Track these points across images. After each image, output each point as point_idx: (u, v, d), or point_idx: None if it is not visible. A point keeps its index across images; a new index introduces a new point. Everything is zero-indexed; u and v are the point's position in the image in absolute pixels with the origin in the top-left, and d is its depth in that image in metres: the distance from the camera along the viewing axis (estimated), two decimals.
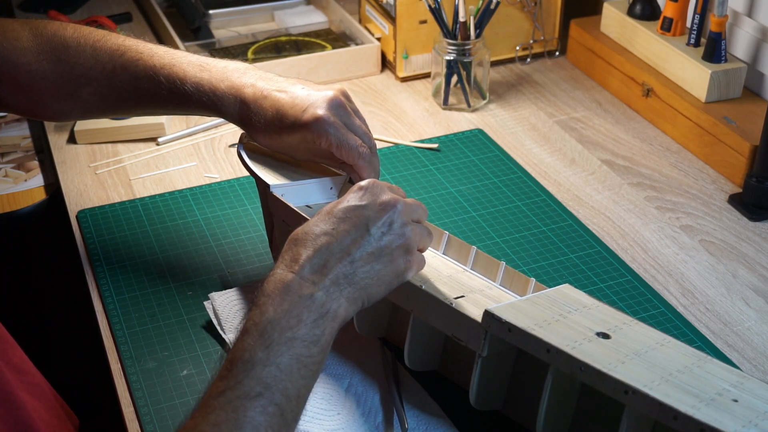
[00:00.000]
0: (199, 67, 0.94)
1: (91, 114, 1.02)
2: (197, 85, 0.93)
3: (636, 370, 0.71)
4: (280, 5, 1.64)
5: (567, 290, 0.84)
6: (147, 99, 0.96)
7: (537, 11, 1.47)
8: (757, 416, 0.67)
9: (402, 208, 0.79)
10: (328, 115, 0.88)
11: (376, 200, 0.79)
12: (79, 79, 0.96)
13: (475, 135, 1.30)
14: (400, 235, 0.78)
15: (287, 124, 0.90)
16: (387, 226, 0.78)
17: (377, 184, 0.81)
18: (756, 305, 0.99)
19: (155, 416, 0.85)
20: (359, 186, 0.80)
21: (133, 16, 1.66)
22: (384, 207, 0.78)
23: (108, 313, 0.98)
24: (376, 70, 1.47)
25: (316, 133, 0.88)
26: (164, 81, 0.94)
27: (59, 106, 0.99)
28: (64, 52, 0.96)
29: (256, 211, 1.14)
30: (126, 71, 0.95)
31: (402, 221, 0.79)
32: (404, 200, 0.81)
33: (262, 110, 0.91)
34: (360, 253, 0.76)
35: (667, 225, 1.12)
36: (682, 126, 1.27)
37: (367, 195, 0.79)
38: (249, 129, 0.93)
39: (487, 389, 0.81)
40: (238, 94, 0.92)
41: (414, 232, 0.80)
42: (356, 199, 0.79)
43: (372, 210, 0.78)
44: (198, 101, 0.93)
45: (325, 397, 0.85)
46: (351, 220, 0.77)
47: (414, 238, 0.80)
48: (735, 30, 1.30)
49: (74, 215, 1.14)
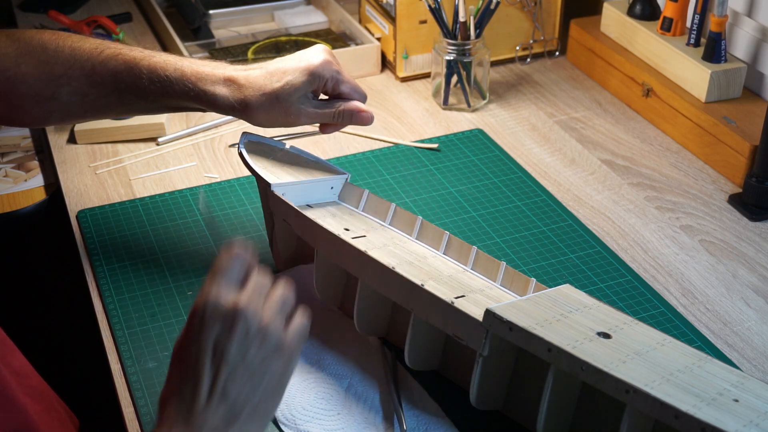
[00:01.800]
0: (179, 57, 0.95)
1: (72, 116, 1.00)
2: (179, 70, 0.93)
3: (637, 369, 0.71)
4: (280, 5, 1.64)
5: (567, 290, 0.84)
6: (128, 92, 0.95)
7: (537, 11, 1.47)
8: (757, 416, 0.67)
9: (251, 310, 0.69)
10: (328, 57, 0.94)
11: (219, 319, 0.69)
12: (58, 79, 0.95)
13: (475, 135, 1.30)
14: (261, 340, 0.69)
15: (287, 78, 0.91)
16: (243, 337, 0.68)
17: (213, 298, 0.69)
18: (756, 305, 0.99)
19: (155, 417, 0.85)
20: (194, 310, 0.70)
21: (133, 16, 1.66)
22: (232, 321, 0.68)
23: (108, 313, 0.98)
24: (376, 70, 1.47)
25: (320, 79, 0.92)
26: (144, 71, 0.93)
27: (39, 110, 0.97)
28: (43, 53, 0.95)
29: (256, 211, 1.14)
30: (105, 66, 0.94)
31: (257, 323, 0.69)
32: (250, 293, 0.70)
33: (253, 77, 0.92)
34: (227, 385, 0.68)
35: (667, 225, 1.12)
36: (682, 126, 1.27)
37: (207, 318, 0.69)
38: (241, 105, 0.92)
39: (487, 389, 0.81)
40: (223, 73, 0.93)
41: (274, 323, 0.70)
42: (199, 329, 0.69)
43: (220, 333, 0.68)
44: (181, 88, 0.93)
45: (325, 397, 0.85)
46: (200, 356, 0.68)
47: (277, 327, 0.70)
48: (735, 30, 1.30)
49: (74, 215, 1.14)
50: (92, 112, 0.99)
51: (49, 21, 1.59)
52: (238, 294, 0.70)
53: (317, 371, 0.88)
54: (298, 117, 0.94)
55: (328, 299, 0.94)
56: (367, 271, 0.85)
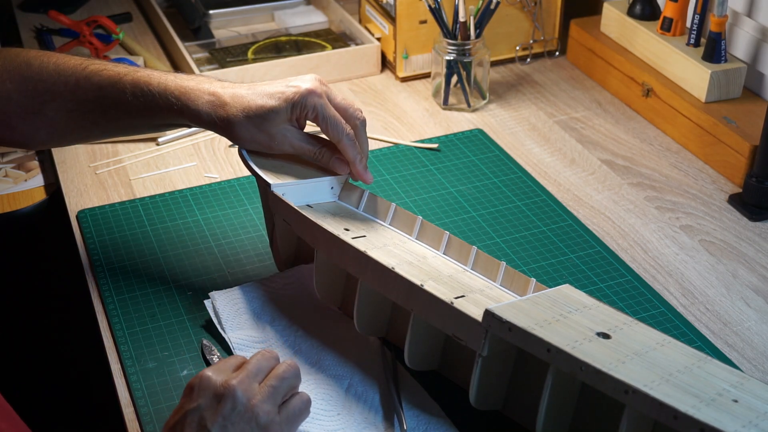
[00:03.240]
0: (164, 72, 0.94)
1: (59, 134, 0.99)
2: (162, 84, 0.92)
3: (636, 370, 0.71)
4: (280, 5, 1.64)
5: (567, 290, 0.84)
6: (113, 108, 0.94)
7: (537, 11, 1.47)
8: (757, 416, 0.67)
9: (241, 389, 0.74)
10: (315, 87, 0.91)
11: (209, 394, 0.73)
12: (43, 96, 0.94)
13: (475, 135, 1.30)
14: (248, 419, 0.73)
15: (271, 103, 0.90)
16: (229, 413, 0.72)
17: (206, 376, 0.74)
18: (756, 305, 0.99)
19: (155, 416, 0.85)
20: (188, 386, 0.75)
21: (133, 16, 1.66)
22: (220, 397, 0.73)
23: (108, 313, 0.98)
24: (376, 70, 1.47)
25: (303, 106, 0.89)
26: (128, 85, 0.92)
27: (26, 127, 0.96)
28: (27, 69, 0.95)
29: (256, 211, 1.14)
30: (89, 82, 0.94)
31: (245, 401, 0.73)
32: (244, 374, 0.75)
33: (238, 97, 0.91)
34: None
35: (667, 225, 1.12)
36: (682, 126, 1.27)
37: (197, 393, 0.74)
38: (222, 122, 0.91)
39: (487, 389, 0.81)
40: (209, 88, 0.92)
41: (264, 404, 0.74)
42: (188, 402, 0.74)
43: (207, 408, 0.73)
44: (165, 103, 0.92)
45: (325, 398, 0.85)
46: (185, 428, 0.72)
47: (266, 409, 0.74)
48: (735, 30, 1.30)
49: (74, 215, 1.14)
50: (78, 129, 0.98)
51: (49, 21, 1.59)
52: (231, 374, 0.75)
53: (317, 372, 0.88)
54: (282, 144, 0.92)
55: (328, 299, 0.94)
56: (367, 271, 0.85)
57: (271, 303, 0.96)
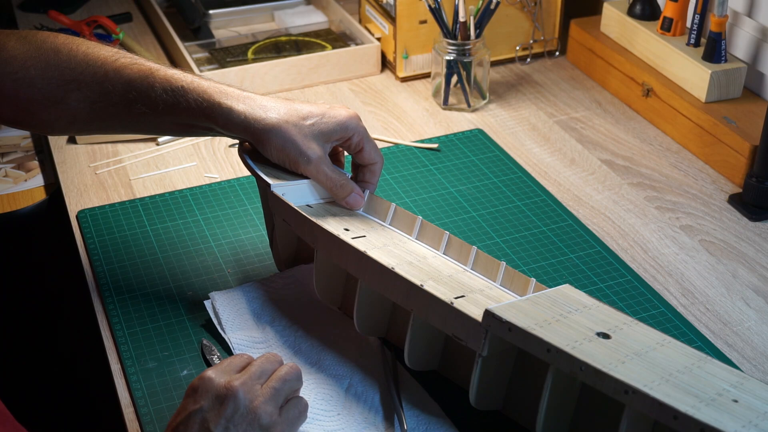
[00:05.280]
0: (198, 76, 0.93)
1: (78, 123, 0.97)
2: (195, 82, 0.91)
3: (636, 370, 0.71)
4: (280, 5, 1.64)
5: (567, 290, 0.84)
6: (138, 102, 0.92)
7: (537, 11, 1.47)
8: (757, 416, 0.67)
9: (243, 390, 0.75)
10: (355, 114, 0.93)
11: (212, 395, 0.74)
12: (68, 84, 0.93)
13: (475, 135, 1.31)
14: (250, 421, 0.74)
15: (310, 121, 0.90)
16: (231, 415, 0.74)
17: (208, 377, 0.76)
18: (756, 305, 0.99)
19: (155, 416, 0.85)
20: (190, 387, 0.76)
21: (133, 16, 1.66)
22: (222, 399, 0.74)
23: (108, 313, 0.98)
24: (376, 70, 1.47)
25: (348, 129, 0.91)
26: (159, 80, 0.91)
27: (46, 114, 0.95)
28: (55, 56, 0.93)
29: (256, 211, 1.14)
30: (119, 74, 0.92)
31: (248, 402, 0.74)
32: (246, 375, 0.76)
33: (277, 103, 0.90)
34: None
35: (667, 225, 1.12)
36: (682, 126, 1.27)
37: (200, 394, 0.75)
38: (256, 123, 0.89)
39: (487, 389, 0.81)
40: (242, 94, 0.91)
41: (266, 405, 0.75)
42: (191, 403, 0.75)
43: (209, 409, 0.74)
44: (194, 99, 0.90)
45: (325, 398, 0.85)
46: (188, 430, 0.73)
47: (268, 410, 0.75)
48: (735, 30, 1.30)
49: (74, 215, 1.14)
50: (99, 121, 0.96)
51: (49, 21, 1.59)
52: (233, 375, 0.76)
53: (317, 372, 0.88)
54: (308, 164, 0.91)
55: (328, 299, 0.94)
56: (367, 271, 0.85)
57: (271, 303, 0.96)
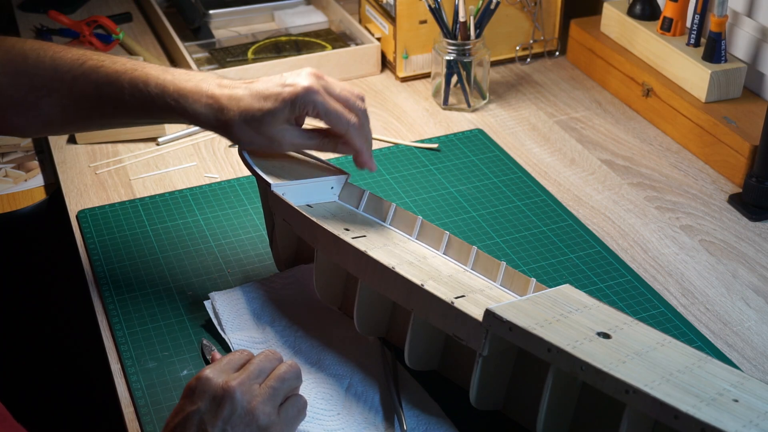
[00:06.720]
0: (162, 70, 0.92)
1: (53, 127, 0.98)
2: (161, 86, 0.90)
3: (636, 369, 0.71)
4: (280, 5, 1.64)
5: (567, 290, 0.84)
6: (110, 106, 0.92)
7: (537, 11, 1.47)
8: (757, 416, 0.67)
9: (241, 391, 0.74)
10: (312, 84, 0.88)
11: (209, 396, 0.73)
12: (39, 91, 0.92)
13: (475, 135, 1.30)
14: (248, 422, 0.73)
15: (268, 106, 0.88)
16: (229, 416, 0.73)
17: (206, 377, 0.75)
18: (756, 305, 0.99)
19: (155, 416, 0.85)
20: (188, 387, 0.75)
21: (133, 16, 1.66)
22: (220, 400, 0.73)
23: (108, 313, 0.98)
24: (376, 70, 1.47)
25: (302, 105, 0.88)
26: (126, 85, 0.91)
27: (19, 120, 0.94)
28: (23, 63, 0.93)
29: (256, 211, 1.14)
30: (87, 79, 0.92)
31: (245, 403, 0.74)
32: (244, 375, 0.75)
33: (236, 98, 0.89)
34: None
35: (667, 225, 1.12)
36: (682, 126, 1.27)
37: (197, 395, 0.74)
38: (221, 124, 0.90)
39: (487, 389, 0.81)
40: (206, 90, 0.90)
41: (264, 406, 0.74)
42: (188, 404, 0.74)
43: (206, 411, 0.73)
44: (163, 104, 0.90)
45: (325, 397, 0.85)
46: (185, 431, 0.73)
47: (266, 410, 0.74)
48: (735, 30, 1.30)
49: (74, 215, 1.14)
50: (74, 124, 0.97)
51: (49, 21, 1.59)
52: (231, 375, 0.75)
53: (317, 371, 0.88)
54: (281, 145, 0.91)
55: (328, 299, 0.94)
56: (367, 271, 0.85)
57: (271, 303, 0.96)
